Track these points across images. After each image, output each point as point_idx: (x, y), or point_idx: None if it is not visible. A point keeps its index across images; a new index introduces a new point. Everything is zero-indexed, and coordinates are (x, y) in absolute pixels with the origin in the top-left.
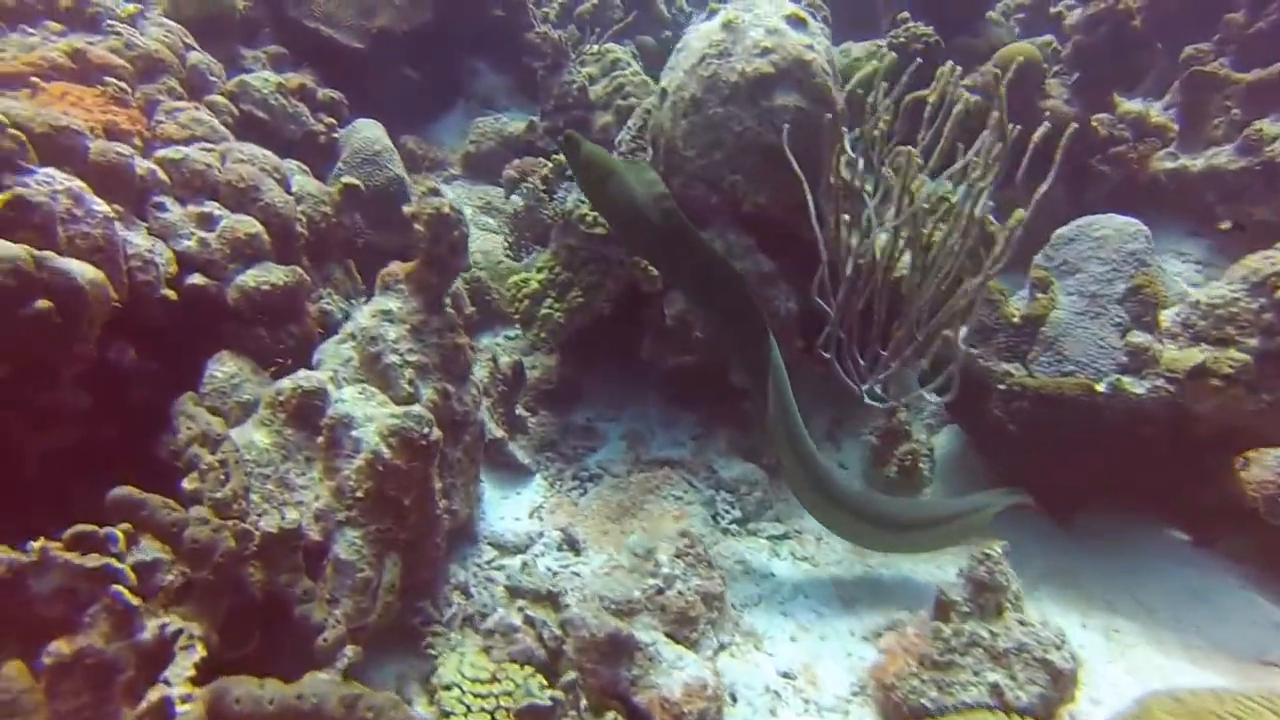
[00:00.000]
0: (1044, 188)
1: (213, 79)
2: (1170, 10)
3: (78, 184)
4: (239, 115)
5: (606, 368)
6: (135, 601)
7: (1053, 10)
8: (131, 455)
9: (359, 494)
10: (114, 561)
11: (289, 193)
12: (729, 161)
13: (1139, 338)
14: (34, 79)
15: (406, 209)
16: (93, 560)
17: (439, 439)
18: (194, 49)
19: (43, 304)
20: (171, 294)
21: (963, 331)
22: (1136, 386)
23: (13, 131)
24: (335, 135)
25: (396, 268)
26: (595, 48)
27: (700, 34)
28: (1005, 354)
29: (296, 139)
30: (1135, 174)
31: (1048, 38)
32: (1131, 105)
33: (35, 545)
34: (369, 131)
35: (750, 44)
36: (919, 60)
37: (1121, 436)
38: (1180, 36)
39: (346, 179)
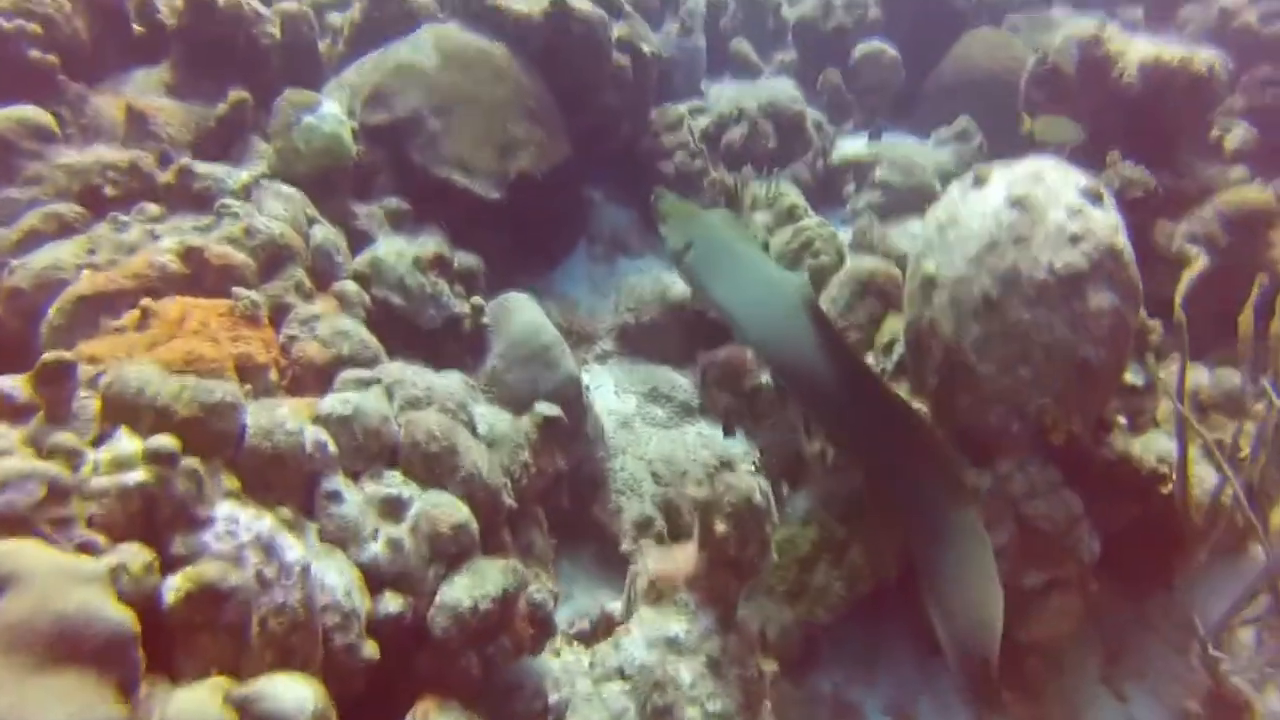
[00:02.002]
0: None
1: (338, 259)
2: None
3: (266, 523)
4: (372, 305)
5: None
6: None
7: None
8: None
9: None
10: None
11: (476, 433)
12: (1037, 380)
13: None
14: (143, 297)
15: (693, 493)
16: None
17: None
18: (317, 220)
19: None
20: (373, 648)
21: None
22: None
23: (190, 465)
24: (484, 320)
25: (673, 572)
26: (767, 188)
27: (979, 210)
28: None
29: (437, 326)
30: None
31: None
32: None
33: None
34: (526, 314)
35: (1054, 229)
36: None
37: None
38: None
39: (545, 410)
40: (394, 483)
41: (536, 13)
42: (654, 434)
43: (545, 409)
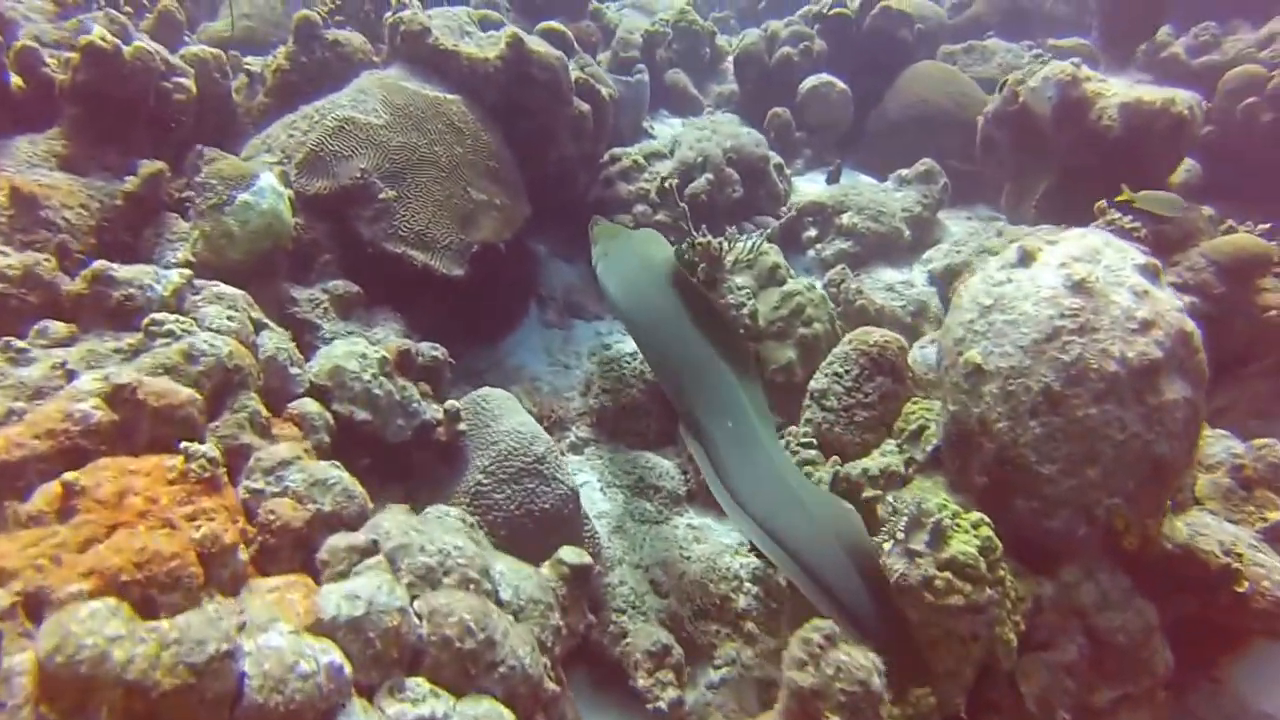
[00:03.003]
0: None
1: (294, 372)
2: None
3: None
4: (335, 424)
5: None
6: None
7: None
8: None
9: None
10: None
11: (499, 600)
12: (1107, 480)
13: None
14: (62, 466)
15: (795, 676)
16: None
17: None
18: (264, 325)
19: None
20: None
21: None
22: None
23: None
24: (459, 426)
25: None
26: (745, 245)
27: (1032, 293)
28: None
29: (407, 438)
30: None
31: None
32: None
33: None
34: (511, 419)
35: (1120, 314)
36: None
37: None
38: None
39: (573, 559)
40: (421, 696)
41: (492, 56)
42: (646, 534)
43: (573, 557)
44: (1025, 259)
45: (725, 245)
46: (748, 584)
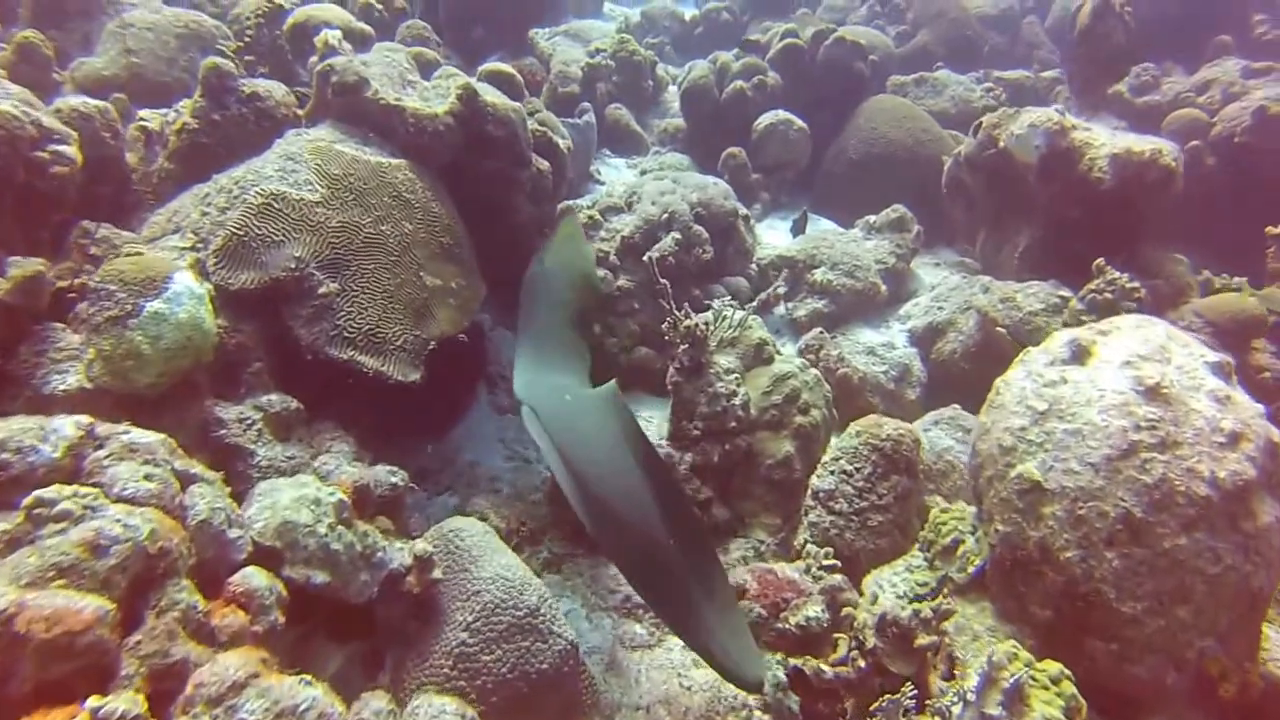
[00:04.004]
0: None
1: (234, 534)
2: None
3: None
4: (288, 594)
5: None
6: None
7: None
8: None
9: None
10: None
11: None
12: (1199, 620)
13: None
14: None
15: None
16: None
17: None
18: (194, 475)
19: None
20: None
21: None
22: None
23: None
24: (433, 574)
25: None
26: (729, 321)
27: (1096, 398)
28: None
29: (372, 594)
30: None
31: None
32: None
33: None
34: (494, 562)
35: (1205, 426)
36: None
37: None
38: None
39: None
40: None
41: (442, 113)
42: (641, 664)
43: None
44: (1079, 355)
45: (710, 325)
46: (758, 713)
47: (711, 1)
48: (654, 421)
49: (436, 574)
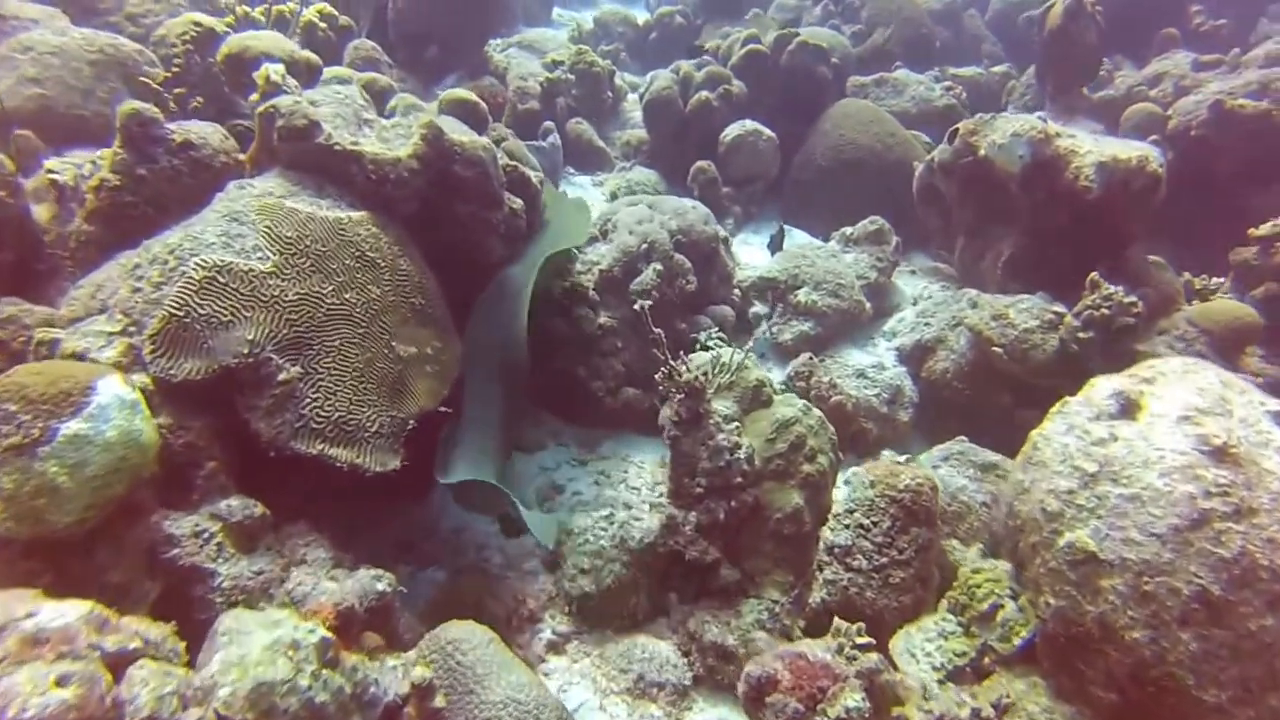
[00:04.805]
0: None
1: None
2: None
3: None
4: None
5: None
6: None
7: None
8: None
9: None
10: None
11: None
12: None
13: None
14: None
15: None
16: None
17: None
18: (131, 654)
19: None
20: None
21: None
22: None
23: None
24: (435, 702)
25: None
26: (726, 365)
27: (1154, 459)
28: None
29: None
30: None
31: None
32: None
33: None
34: (504, 679)
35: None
36: None
37: None
38: None
39: None
40: None
41: (405, 156)
42: None
43: None
44: (1128, 409)
45: (709, 375)
46: None
47: (664, 5)
48: (645, 467)
49: (439, 702)
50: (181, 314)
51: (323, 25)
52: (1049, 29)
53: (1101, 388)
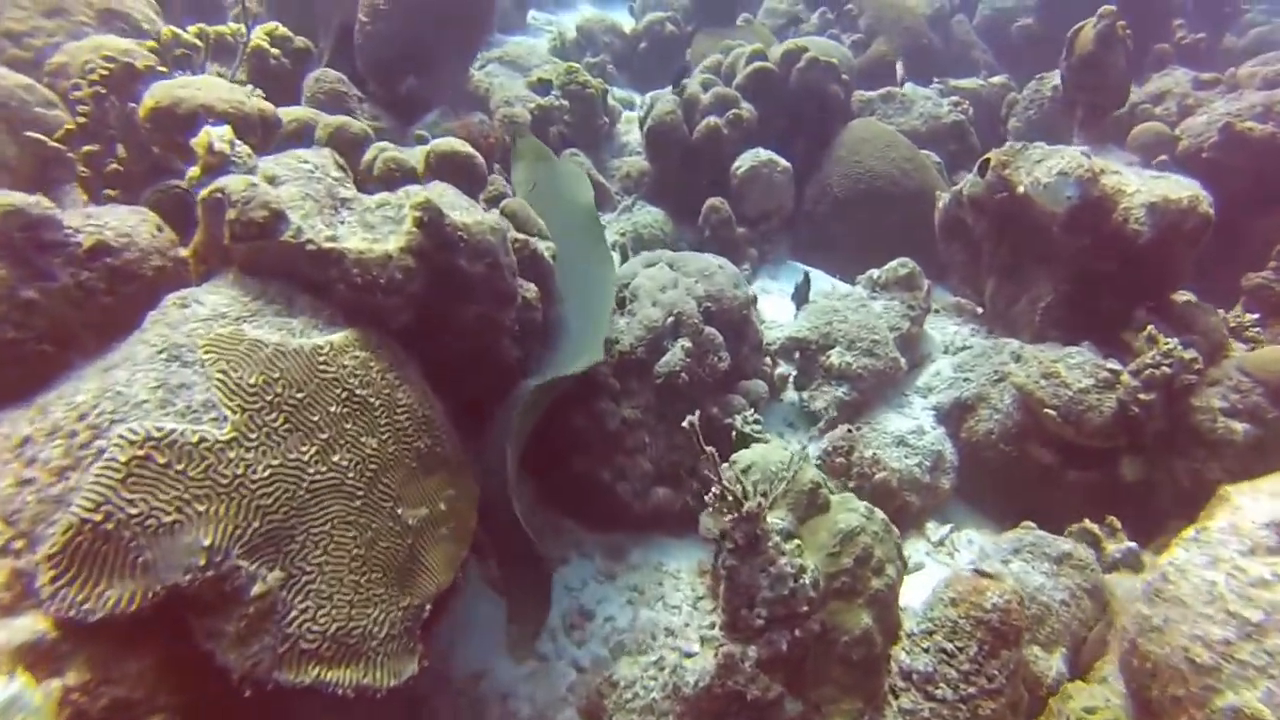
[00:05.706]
0: None
1: None
2: None
3: None
4: None
5: None
6: None
7: None
8: None
9: None
10: None
11: None
12: None
13: None
14: None
15: None
16: None
17: None
18: None
19: None
20: None
21: None
22: None
23: None
24: None
25: None
26: (784, 475)
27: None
28: None
29: None
30: None
31: None
32: None
33: None
34: None
35: None
36: None
37: None
38: None
39: None
40: None
41: (396, 249)
42: None
43: None
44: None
45: (766, 498)
46: None
47: (653, 12)
48: (682, 576)
49: None
50: (99, 518)
51: (275, 51)
52: (1079, 55)
53: (1249, 511)
